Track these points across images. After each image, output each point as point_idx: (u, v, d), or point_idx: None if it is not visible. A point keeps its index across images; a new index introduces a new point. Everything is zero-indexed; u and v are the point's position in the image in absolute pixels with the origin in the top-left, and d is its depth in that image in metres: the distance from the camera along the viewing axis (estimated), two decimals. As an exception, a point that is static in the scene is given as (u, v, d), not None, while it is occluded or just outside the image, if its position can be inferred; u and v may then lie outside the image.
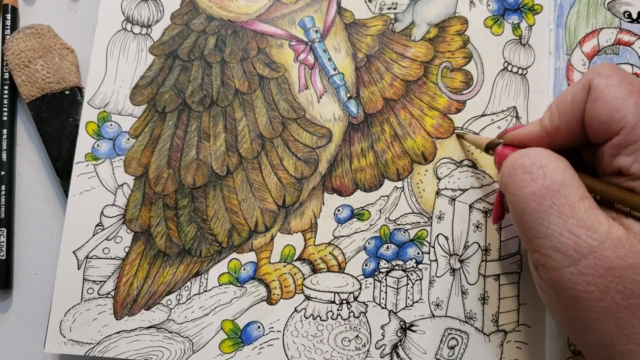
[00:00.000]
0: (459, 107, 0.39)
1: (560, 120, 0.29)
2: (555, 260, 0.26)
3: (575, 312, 0.26)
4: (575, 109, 0.28)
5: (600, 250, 0.25)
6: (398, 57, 0.40)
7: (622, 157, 0.27)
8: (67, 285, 0.36)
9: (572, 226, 0.26)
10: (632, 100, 0.26)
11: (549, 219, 0.26)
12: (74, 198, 0.37)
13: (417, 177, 0.38)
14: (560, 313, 0.27)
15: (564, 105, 0.29)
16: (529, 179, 0.27)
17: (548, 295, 0.28)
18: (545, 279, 0.27)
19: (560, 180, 0.27)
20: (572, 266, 0.25)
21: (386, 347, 0.36)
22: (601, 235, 0.25)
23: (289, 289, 0.37)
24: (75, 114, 0.39)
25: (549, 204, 0.26)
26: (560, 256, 0.26)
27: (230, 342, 0.36)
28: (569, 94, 0.29)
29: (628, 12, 0.40)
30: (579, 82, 0.29)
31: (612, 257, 0.25)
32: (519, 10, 0.41)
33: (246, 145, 0.38)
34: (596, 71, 0.28)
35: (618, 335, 0.25)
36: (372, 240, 0.37)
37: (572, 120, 0.29)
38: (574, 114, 0.28)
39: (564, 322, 0.28)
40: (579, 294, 0.25)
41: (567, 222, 0.26)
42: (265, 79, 0.39)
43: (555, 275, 0.26)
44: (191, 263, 0.37)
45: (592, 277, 0.25)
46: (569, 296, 0.26)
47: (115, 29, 0.40)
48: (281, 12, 0.40)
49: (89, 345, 0.36)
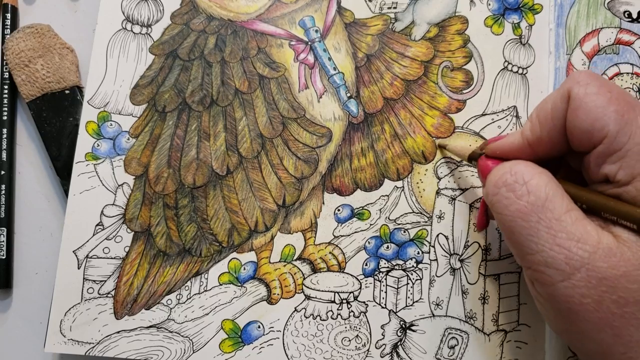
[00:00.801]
0: (459, 107, 0.39)
1: (542, 130, 0.29)
2: (548, 276, 0.26)
3: (572, 324, 0.26)
4: (556, 119, 0.28)
5: (592, 261, 0.25)
6: (398, 57, 0.40)
7: (607, 165, 0.27)
8: (67, 284, 0.36)
9: (562, 240, 0.25)
10: (612, 108, 0.26)
11: (538, 235, 0.26)
12: (74, 198, 0.37)
13: (417, 177, 0.38)
14: (558, 325, 0.27)
15: (544, 115, 0.29)
16: (513, 197, 0.27)
17: (545, 308, 0.28)
18: (541, 293, 0.27)
19: (545, 195, 0.26)
20: (565, 280, 0.25)
21: (386, 346, 0.36)
22: (591, 246, 0.25)
23: (289, 288, 0.37)
24: (75, 114, 0.39)
25: (535, 219, 0.26)
26: (553, 271, 0.26)
27: (231, 341, 0.36)
28: (548, 104, 0.29)
29: (628, 12, 0.40)
30: (557, 91, 0.28)
31: (605, 267, 0.25)
32: (519, 10, 0.41)
33: (246, 144, 0.38)
34: (574, 79, 0.27)
35: (616, 345, 0.25)
36: (372, 239, 0.37)
37: (553, 130, 0.28)
38: (555, 123, 0.28)
39: (563, 333, 0.28)
40: (575, 307, 0.25)
41: (556, 236, 0.26)
42: (266, 78, 0.39)
43: (550, 290, 0.26)
44: (191, 263, 0.37)
45: (586, 289, 0.25)
46: (565, 309, 0.26)
47: (115, 28, 0.40)
48: (281, 11, 0.40)
49: (89, 344, 0.36)
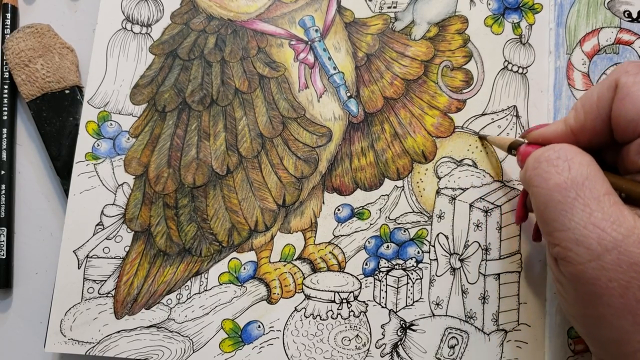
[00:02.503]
0: (459, 106, 0.39)
1: (586, 118, 0.29)
2: (577, 254, 0.25)
3: (592, 308, 0.26)
4: (602, 108, 0.28)
5: (625, 245, 0.24)
6: (398, 56, 0.40)
7: None
8: (68, 284, 0.36)
9: (597, 219, 0.25)
10: None
11: (573, 211, 0.26)
12: (74, 197, 0.37)
13: (417, 176, 0.38)
14: (576, 308, 0.27)
15: (590, 103, 0.29)
16: (553, 171, 0.27)
17: (565, 289, 0.27)
18: (565, 273, 0.26)
19: (586, 174, 0.26)
20: (594, 261, 0.25)
21: (386, 346, 0.36)
22: (626, 229, 0.25)
23: (289, 288, 0.37)
24: (75, 113, 0.39)
25: (573, 196, 0.26)
26: (583, 250, 0.25)
27: (231, 341, 0.36)
28: (594, 93, 0.29)
29: (628, 12, 0.40)
30: (605, 80, 0.28)
31: (637, 252, 0.24)
32: (519, 10, 0.41)
33: (246, 144, 0.38)
34: (623, 69, 0.28)
35: (634, 333, 0.25)
36: (372, 239, 0.37)
37: (597, 118, 0.28)
38: (600, 112, 0.28)
39: (579, 317, 0.27)
40: (599, 290, 0.25)
41: (592, 215, 0.25)
42: (265, 78, 0.39)
43: (576, 269, 0.25)
44: (191, 262, 0.37)
45: (615, 273, 0.24)
46: (589, 291, 0.25)
47: (115, 28, 0.40)
48: (281, 11, 0.40)
49: (90, 344, 0.36)
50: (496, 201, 0.38)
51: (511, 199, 0.38)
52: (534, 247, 0.37)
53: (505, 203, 0.38)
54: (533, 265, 0.37)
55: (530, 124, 0.39)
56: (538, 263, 0.37)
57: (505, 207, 0.38)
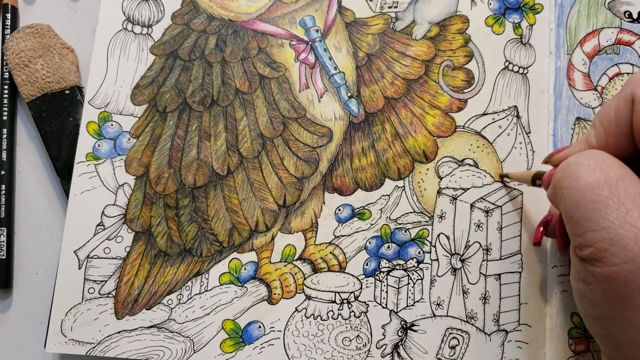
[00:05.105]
0: (460, 106, 0.39)
1: (607, 136, 0.28)
2: (612, 255, 0.24)
3: (619, 309, 0.25)
4: (621, 123, 0.28)
5: None
6: (399, 56, 0.40)
7: None
8: (68, 285, 0.36)
9: (633, 218, 0.24)
10: None
11: (607, 210, 0.25)
12: (75, 198, 0.37)
13: (418, 176, 0.38)
14: (600, 308, 0.26)
15: (608, 120, 0.28)
16: (584, 171, 0.26)
17: (591, 290, 0.26)
18: (595, 273, 0.25)
19: (619, 174, 0.26)
20: (630, 262, 0.24)
21: (387, 346, 0.36)
22: None
23: (290, 288, 0.37)
24: (75, 114, 0.39)
25: (607, 194, 0.25)
26: (618, 250, 0.24)
27: (231, 341, 0.36)
28: (611, 109, 0.28)
29: (628, 12, 0.40)
30: (619, 95, 0.28)
31: None
32: (519, 10, 0.41)
33: (247, 144, 0.38)
34: (636, 82, 0.27)
35: None
36: (373, 239, 0.37)
37: (618, 134, 0.28)
38: (620, 128, 0.28)
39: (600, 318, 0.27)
40: (631, 292, 0.24)
41: (627, 213, 0.24)
42: (266, 78, 0.39)
43: (610, 270, 0.24)
44: (192, 263, 0.37)
45: None
46: (619, 293, 0.24)
47: (115, 28, 0.40)
48: (282, 11, 0.40)
49: (90, 344, 0.35)
50: (497, 201, 0.38)
51: (512, 199, 0.38)
52: (535, 248, 0.37)
53: (506, 203, 0.38)
54: (534, 266, 0.37)
55: (531, 124, 0.39)
56: (539, 263, 0.37)
57: (506, 207, 0.38)
